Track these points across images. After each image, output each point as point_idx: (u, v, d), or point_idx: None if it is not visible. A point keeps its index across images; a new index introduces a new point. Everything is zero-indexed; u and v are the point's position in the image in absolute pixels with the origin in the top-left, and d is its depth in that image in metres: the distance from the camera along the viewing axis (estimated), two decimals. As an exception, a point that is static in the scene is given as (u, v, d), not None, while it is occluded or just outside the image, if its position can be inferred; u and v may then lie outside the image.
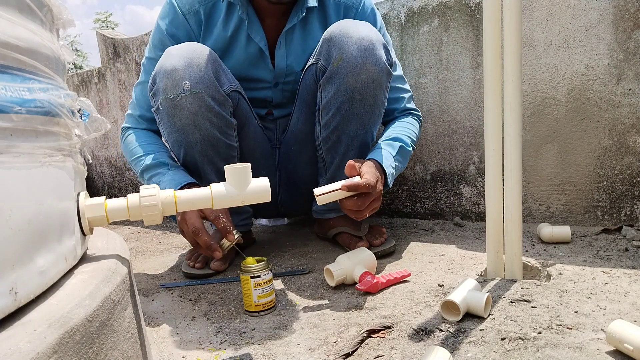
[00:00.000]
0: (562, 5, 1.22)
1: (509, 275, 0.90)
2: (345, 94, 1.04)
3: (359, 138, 1.10)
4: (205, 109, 1.01)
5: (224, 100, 1.05)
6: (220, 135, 1.06)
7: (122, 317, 0.55)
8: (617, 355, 0.62)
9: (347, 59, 1.01)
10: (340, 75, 1.02)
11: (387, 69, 1.05)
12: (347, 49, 1.00)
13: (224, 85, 1.06)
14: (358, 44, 1.00)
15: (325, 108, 1.08)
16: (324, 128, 1.10)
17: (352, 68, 1.01)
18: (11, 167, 0.45)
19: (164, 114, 1.03)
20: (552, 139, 1.28)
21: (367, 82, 1.02)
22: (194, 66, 1.00)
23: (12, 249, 0.43)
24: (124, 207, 0.66)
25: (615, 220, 1.23)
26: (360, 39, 1.00)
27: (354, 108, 1.05)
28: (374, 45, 1.01)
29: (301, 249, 1.28)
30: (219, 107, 1.04)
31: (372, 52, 1.01)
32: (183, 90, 0.99)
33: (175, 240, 1.60)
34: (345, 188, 0.88)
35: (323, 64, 1.06)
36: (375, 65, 1.01)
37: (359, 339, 0.73)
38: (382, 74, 1.03)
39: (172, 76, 0.99)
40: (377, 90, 1.04)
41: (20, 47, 0.48)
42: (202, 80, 1.00)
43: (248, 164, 0.72)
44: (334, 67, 1.02)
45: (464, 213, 1.45)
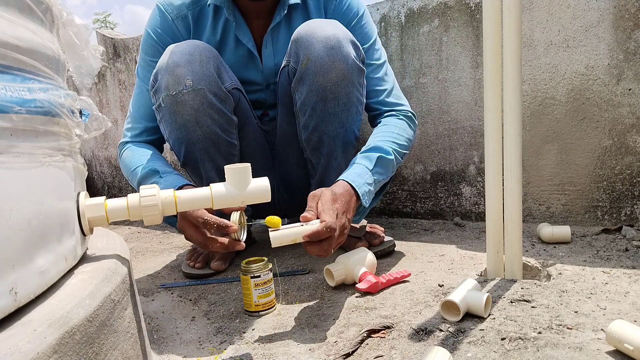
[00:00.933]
0: (562, 5, 1.22)
1: (509, 275, 0.90)
2: (317, 94, 1.03)
3: (339, 137, 1.09)
4: (207, 105, 1.01)
5: (226, 97, 1.05)
6: (221, 133, 1.06)
7: (122, 317, 0.55)
8: (617, 355, 0.62)
9: (314, 59, 1.00)
10: (309, 75, 1.02)
11: (356, 65, 1.03)
12: (313, 49, 1.00)
13: (226, 82, 1.06)
14: (324, 43, 1.00)
15: (301, 109, 1.07)
16: (304, 129, 1.10)
17: (320, 68, 1.00)
18: (11, 167, 0.45)
19: (165, 111, 1.03)
20: (552, 139, 1.28)
21: (337, 81, 1.01)
22: (196, 62, 1.00)
23: (12, 249, 0.43)
24: (124, 207, 0.66)
25: (615, 220, 1.23)
26: (326, 38, 1.00)
27: (329, 107, 1.04)
28: (340, 42, 1.00)
29: (301, 249, 1.28)
30: (221, 104, 1.04)
31: (338, 50, 1.00)
32: (185, 86, 0.99)
33: (175, 240, 1.60)
34: (307, 238, 0.81)
35: (293, 65, 1.05)
36: (343, 62, 1.00)
37: (359, 339, 0.73)
38: (351, 71, 1.02)
39: (174, 73, 0.99)
40: (349, 87, 1.03)
41: (20, 47, 0.48)
42: (204, 76, 1.00)
43: (248, 164, 0.72)
44: (303, 68, 1.02)
45: (464, 213, 1.45)
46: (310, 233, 0.80)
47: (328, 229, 0.81)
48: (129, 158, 1.13)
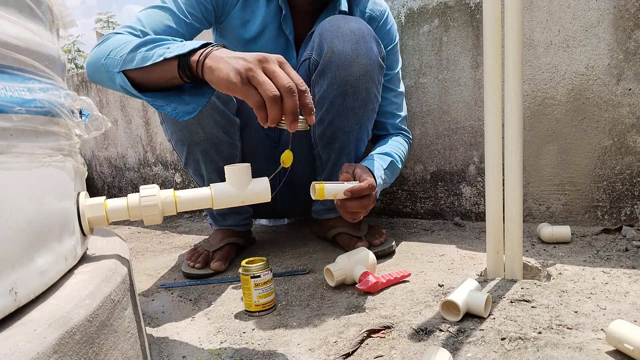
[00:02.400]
0: (562, 5, 1.22)
1: (509, 275, 0.90)
2: (338, 88, 1.04)
3: (354, 133, 1.10)
4: (209, 106, 1.01)
5: (228, 99, 1.06)
6: (223, 134, 1.06)
7: (122, 317, 0.55)
8: (617, 355, 0.62)
9: (339, 52, 1.01)
10: (332, 68, 1.02)
11: (378, 62, 1.05)
12: (337, 43, 1.01)
13: None
14: (349, 37, 1.00)
15: (319, 103, 1.08)
16: (319, 123, 1.10)
17: (343, 61, 1.01)
18: (11, 167, 0.45)
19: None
20: (552, 139, 1.28)
21: (359, 75, 1.02)
22: None
23: (12, 249, 0.43)
24: (124, 207, 0.66)
25: (615, 220, 1.23)
26: (351, 32, 1.01)
27: (347, 102, 1.05)
28: (365, 37, 1.01)
29: (301, 249, 1.28)
30: (223, 106, 1.04)
31: (363, 45, 1.01)
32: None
33: (175, 240, 1.60)
34: (349, 193, 0.87)
35: (315, 58, 1.06)
36: (366, 58, 1.01)
37: (359, 339, 0.73)
38: (374, 67, 1.03)
39: None
40: (369, 83, 1.04)
41: (20, 47, 0.48)
42: None
43: (248, 164, 0.73)
44: (326, 60, 1.02)
45: (464, 213, 1.45)
46: (353, 188, 0.87)
47: (371, 186, 0.88)
48: (120, 39, 0.87)
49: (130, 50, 0.80)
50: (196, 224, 1.84)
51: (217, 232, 1.26)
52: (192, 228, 1.77)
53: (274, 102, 0.66)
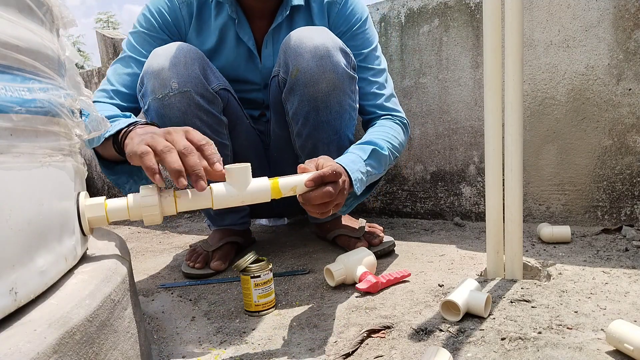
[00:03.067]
0: (562, 5, 1.22)
1: (509, 275, 0.90)
2: (308, 104, 1.02)
3: (334, 143, 1.09)
4: (195, 107, 1.01)
5: (213, 98, 1.04)
6: (211, 133, 1.05)
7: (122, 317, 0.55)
8: (617, 355, 0.62)
9: (304, 70, 0.99)
10: (299, 86, 1.01)
11: (347, 74, 1.02)
12: (302, 60, 0.99)
13: (212, 83, 1.05)
14: (313, 53, 0.98)
15: (294, 118, 1.07)
16: (298, 137, 1.09)
17: (309, 79, 0.99)
18: (11, 167, 0.45)
19: (153, 115, 1.02)
20: (552, 139, 1.28)
21: (328, 91, 1.00)
22: (181, 65, 0.99)
23: (12, 249, 0.43)
24: (124, 207, 0.66)
25: (615, 220, 1.23)
26: (314, 48, 0.98)
27: (321, 116, 1.04)
28: (330, 52, 0.99)
29: (301, 249, 1.28)
30: (209, 105, 1.03)
31: (328, 60, 0.99)
32: (171, 89, 0.98)
33: (175, 240, 1.60)
34: (311, 183, 0.76)
35: (283, 76, 1.04)
36: (333, 72, 0.99)
37: (359, 339, 0.73)
38: (342, 80, 1.01)
39: (159, 76, 0.98)
40: (340, 96, 1.03)
41: (20, 47, 0.48)
42: (190, 78, 0.99)
43: (248, 164, 0.72)
44: (293, 79, 1.01)
45: (464, 213, 1.45)
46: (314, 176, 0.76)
47: (334, 172, 0.77)
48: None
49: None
50: (196, 224, 1.84)
51: (216, 232, 1.26)
52: (192, 228, 1.77)
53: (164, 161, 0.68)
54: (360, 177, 0.93)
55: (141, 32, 1.11)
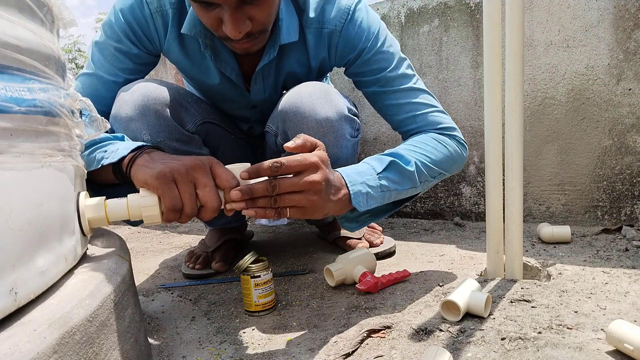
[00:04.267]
0: (562, 5, 1.22)
1: (509, 275, 0.90)
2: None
3: None
4: (171, 152, 0.90)
5: (190, 139, 0.97)
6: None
7: (122, 317, 0.55)
8: (617, 355, 0.62)
9: None
10: None
11: (351, 144, 0.93)
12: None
13: (187, 124, 0.97)
14: (315, 130, 0.87)
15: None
16: None
17: None
18: (11, 167, 0.45)
19: None
20: (552, 139, 1.28)
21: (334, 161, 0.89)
22: (151, 114, 0.89)
23: (12, 249, 0.43)
24: (124, 207, 0.66)
25: (615, 220, 1.23)
26: (317, 124, 0.87)
27: None
28: (334, 127, 0.88)
29: (301, 249, 1.28)
30: (185, 146, 0.96)
31: (331, 137, 0.89)
32: (143, 141, 0.88)
33: (175, 240, 1.60)
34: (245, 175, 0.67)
35: (280, 141, 0.97)
36: (336, 148, 0.90)
37: (359, 339, 0.73)
38: (345, 152, 0.92)
39: (129, 128, 0.89)
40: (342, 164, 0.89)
41: (20, 47, 0.48)
42: (162, 127, 0.91)
43: (248, 164, 0.72)
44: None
45: (464, 213, 1.45)
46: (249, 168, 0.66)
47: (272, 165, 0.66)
48: None
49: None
50: (196, 224, 1.84)
51: (213, 232, 1.26)
52: (192, 228, 1.77)
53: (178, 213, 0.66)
54: (366, 191, 0.78)
55: (108, 44, 0.96)
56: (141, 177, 0.67)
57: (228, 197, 0.67)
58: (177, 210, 0.66)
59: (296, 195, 0.68)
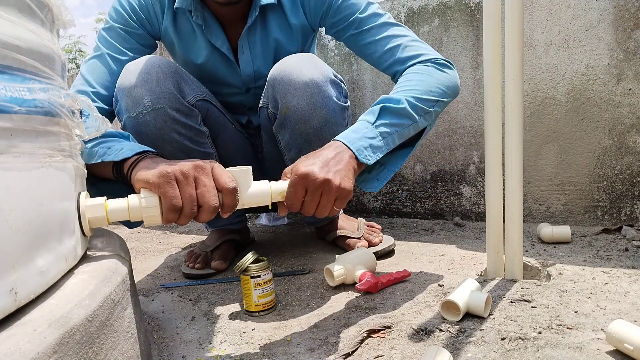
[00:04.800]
0: (562, 5, 1.22)
1: (509, 275, 0.90)
2: (300, 138, 1.00)
3: None
4: (171, 121, 0.98)
5: (190, 111, 1.01)
6: (192, 145, 1.02)
7: (122, 317, 0.55)
8: (617, 355, 0.62)
9: (294, 109, 0.96)
10: (290, 123, 0.98)
11: (339, 106, 0.99)
12: (291, 99, 0.95)
13: (188, 96, 1.02)
14: (302, 91, 0.94)
15: (286, 148, 1.04)
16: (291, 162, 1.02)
17: (300, 117, 0.97)
18: (11, 167, 0.45)
19: (130, 132, 0.96)
20: (552, 139, 1.28)
21: (320, 126, 0.98)
22: (153, 81, 0.96)
23: (12, 249, 0.43)
24: (125, 208, 0.66)
25: (615, 220, 1.23)
26: (304, 85, 0.94)
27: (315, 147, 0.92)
28: (320, 88, 0.95)
29: (301, 249, 1.28)
30: (186, 119, 1.00)
31: (319, 97, 0.95)
32: (144, 107, 0.95)
33: (175, 240, 1.60)
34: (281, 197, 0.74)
35: (272, 110, 1.02)
36: (324, 109, 0.96)
37: (359, 339, 0.73)
38: (334, 114, 0.98)
39: (132, 94, 0.95)
40: (333, 128, 0.99)
41: (20, 47, 0.48)
42: (163, 94, 0.96)
43: (249, 167, 0.72)
44: (282, 115, 0.99)
45: (464, 213, 1.45)
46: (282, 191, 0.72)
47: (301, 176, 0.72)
48: None
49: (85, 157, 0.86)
50: (196, 223, 1.84)
51: (213, 232, 1.26)
52: (192, 228, 1.77)
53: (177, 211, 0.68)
54: (368, 144, 0.82)
55: (115, 27, 1.06)
56: (142, 177, 0.69)
57: (226, 199, 0.69)
58: (177, 210, 0.68)
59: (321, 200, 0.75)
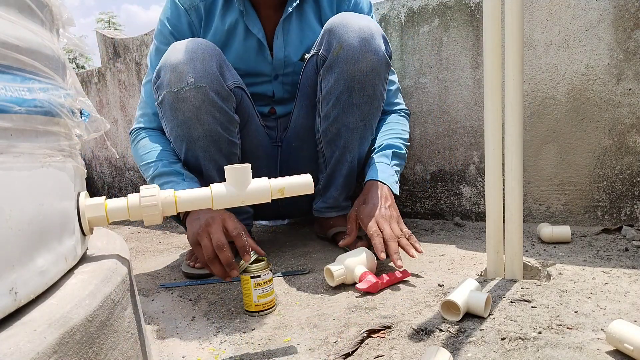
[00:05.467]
0: (562, 5, 1.22)
1: (509, 275, 0.90)
2: (345, 83, 1.05)
3: (358, 130, 1.11)
4: (209, 103, 1.02)
5: (228, 96, 1.06)
6: (222, 131, 1.06)
7: (122, 317, 0.55)
8: (617, 355, 0.62)
9: (347, 48, 1.03)
10: (340, 63, 1.04)
11: (385, 59, 1.06)
12: (347, 38, 1.02)
13: (228, 80, 1.07)
14: (358, 33, 1.02)
15: (325, 98, 1.09)
16: (324, 119, 1.11)
17: (351, 56, 1.03)
18: (11, 167, 0.45)
19: (167, 108, 1.03)
20: (552, 139, 1.28)
21: (366, 71, 1.04)
22: (199, 60, 1.00)
23: (12, 249, 0.43)
24: (124, 207, 0.66)
25: (615, 220, 1.23)
26: (360, 29, 1.02)
27: (353, 98, 1.07)
28: (374, 35, 1.03)
29: (301, 249, 1.28)
30: (222, 102, 1.04)
31: (371, 42, 1.03)
32: (187, 83, 0.99)
33: (175, 240, 1.60)
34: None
35: (324, 53, 1.08)
36: (374, 54, 1.03)
37: (359, 339, 0.73)
38: (381, 64, 1.05)
39: (176, 70, 1.00)
40: (375, 80, 1.06)
41: (20, 47, 0.48)
42: (206, 74, 1.00)
43: (248, 164, 0.72)
44: (334, 55, 1.04)
45: (464, 213, 1.45)
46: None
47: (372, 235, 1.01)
48: (145, 148, 1.15)
49: (149, 178, 1.11)
50: (196, 224, 1.84)
51: None
52: (192, 228, 1.77)
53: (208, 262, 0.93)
54: (393, 181, 1.12)
55: (161, 47, 1.16)
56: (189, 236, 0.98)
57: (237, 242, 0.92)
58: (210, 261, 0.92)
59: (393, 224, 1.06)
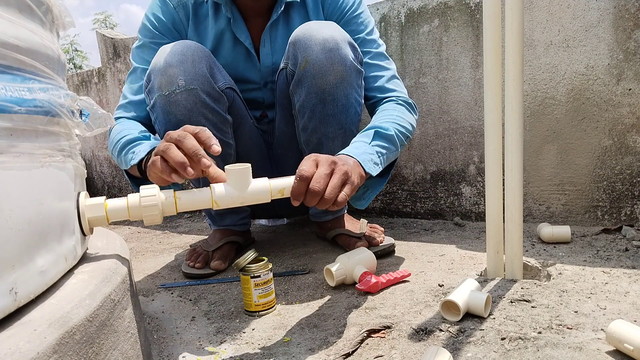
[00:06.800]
0: (562, 5, 1.22)
1: (509, 275, 0.90)
2: (316, 96, 1.03)
3: (338, 139, 1.09)
4: (200, 105, 1.01)
5: (219, 97, 1.05)
6: (216, 132, 1.05)
7: (122, 317, 0.55)
8: (617, 355, 0.62)
9: (312, 62, 1.00)
10: (308, 78, 1.02)
11: (355, 67, 1.03)
12: (311, 52, 1.00)
13: (219, 81, 1.06)
14: (322, 46, 0.99)
15: (300, 111, 1.07)
16: (303, 131, 1.10)
17: (318, 70, 1.00)
18: (11, 167, 0.45)
19: (159, 111, 1.03)
20: (552, 139, 1.28)
21: (336, 83, 1.02)
22: (188, 62, 0.99)
23: (12, 249, 0.43)
24: (124, 207, 0.66)
25: (615, 220, 1.23)
26: (323, 40, 1.00)
27: (328, 109, 1.04)
28: (338, 45, 1.00)
29: (301, 249, 1.28)
30: (214, 104, 1.04)
31: (337, 52, 1.00)
32: (178, 86, 0.99)
33: (175, 240, 1.60)
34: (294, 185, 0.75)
35: (291, 68, 1.06)
36: (341, 65, 1.01)
37: (359, 339, 0.73)
38: (350, 73, 1.02)
39: (166, 73, 0.99)
40: (347, 89, 1.04)
41: (20, 47, 0.48)
42: (197, 76, 1.00)
43: (248, 165, 0.73)
44: (301, 70, 1.02)
45: (464, 213, 1.45)
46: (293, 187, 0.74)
47: (314, 154, 0.78)
48: (116, 131, 1.05)
49: (117, 155, 1.02)
50: (196, 224, 1.84)
51: (216, 232, 1.26)
52: (192, 228, 1.77)
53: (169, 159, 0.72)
54: (370, 159, 0.91)
55: (146, 42, 1.14)
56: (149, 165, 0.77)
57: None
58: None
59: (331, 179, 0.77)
